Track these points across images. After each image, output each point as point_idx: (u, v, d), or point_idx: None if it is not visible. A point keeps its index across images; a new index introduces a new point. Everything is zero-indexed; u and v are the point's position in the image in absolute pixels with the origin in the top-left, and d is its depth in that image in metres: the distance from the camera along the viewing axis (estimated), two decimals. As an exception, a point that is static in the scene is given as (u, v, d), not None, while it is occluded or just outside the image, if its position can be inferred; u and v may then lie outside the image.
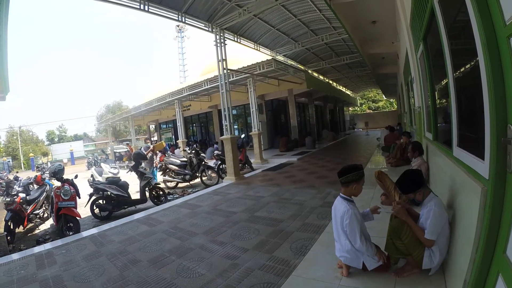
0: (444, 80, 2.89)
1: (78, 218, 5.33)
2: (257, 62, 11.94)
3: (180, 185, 9.51)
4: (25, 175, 14.09)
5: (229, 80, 9.85)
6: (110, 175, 9.22)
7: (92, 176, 9.33)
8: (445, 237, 2.34)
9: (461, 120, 2.40)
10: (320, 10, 9.92)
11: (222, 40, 8.86)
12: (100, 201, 6.58)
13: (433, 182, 4.17)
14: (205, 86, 14.64)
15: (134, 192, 7.32)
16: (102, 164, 11.44)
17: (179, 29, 53.12)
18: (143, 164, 8.03)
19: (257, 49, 11.95)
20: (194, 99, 19.02)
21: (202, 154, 10.04)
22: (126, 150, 22.72)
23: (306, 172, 8.65)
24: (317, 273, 2.78)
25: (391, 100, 44.69)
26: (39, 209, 6.54)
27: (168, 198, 7.36)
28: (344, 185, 2.65)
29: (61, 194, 5.27)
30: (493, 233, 1.56)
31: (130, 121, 25.84)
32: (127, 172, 8.97)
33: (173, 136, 26.15)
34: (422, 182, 2.44)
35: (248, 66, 12.29)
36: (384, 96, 42.96)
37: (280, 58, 13.65)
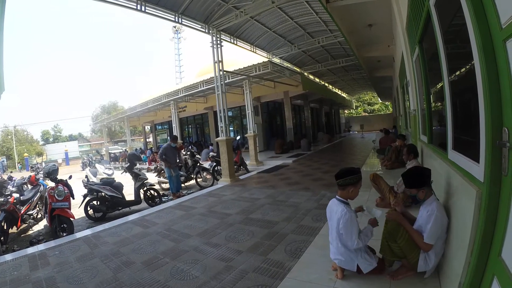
0: (440, 83, 2.90)
1: (72, 219, 5.28)
2: (253, 64, 11.95)
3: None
4: (19, 175, 13.96)
5: (225, 81, 9.83)
6: (105, 176, 9.17)
7: (86, 176, 9.28)
8: (442, 240, 2.33)
9: (456, 123, 2.41)
10: (316, 13, 9.98)
11: (218, 42, 8.85)
12: (94, 202, 6.53)
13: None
14: (201, 88, 14.62)
15: (128, 193, 7.27)
16: (97, 165, 11.39)
17: (176, 30, 53.14)
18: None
19: (253, 51, 11.98)
20: (190, 100, 19.00)
21: (197, 156, 10.02)
22: (121, 151, 22.60)
23: (301, 174, 8.66)
24: (312, 275, 2.77)
25: (387, 103, 44.99)
26: (33, 209, 6.48)
27: (163, 199, 7.32)
28: (341, 187, 2.62)
29: (55, 195, 5.22)
30: (488, 236, 1.57)
31: (125, 122, 25.73)
32: (121, 173, 8.91)
33: (168, 137, 26.03)
34: (428, 181, 2.43)
35: (244, 68, 12.30)
36: (379, 99, 43.26)
37: (276, 60, 13.68)
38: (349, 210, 2.54)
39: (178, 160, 8.11)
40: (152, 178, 9.70)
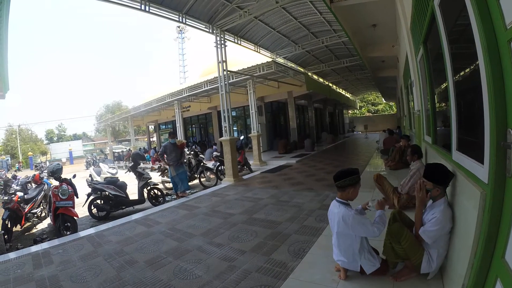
0: (444, 84, 2.89)
1: (75, 217, 5.31)
2: (257, 64, 11.96)
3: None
4: (22, 174, 14.07)
5: (229, 81, 9.85)
6: (109, 175, 9.22)
7: (90, 176, 9.34)
8: (445, 242, 2.32)
9: (461, 123, 2.39)
10: (320, 13, 9.96)
11: (222, 42, 8.87)
12: (98, 201, 6.56)
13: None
14: (204, 88, 14.66)
15: (132, 192, 7.29)
16: (101, 164, 11.46)
17: (180, 30, 53.21)
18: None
19: (257, 51, 11.97)
20: (194, 100, 19.04)
21: (201, 155, 10.03)
22: (124, 150, 22.70)
23: (305, 174, 8.65)
24: (315, 276, 2.77)
25: (391, 103, 44.78)
26: (37, 208, 6.52)
27: (166, 199, 7.34)
28: (341, 189, 2.62)
29: (59, 194, 5.25)
30: (491, 238, 1.56)
31: (129, 121, 25.87)
32: (125, 173, 8.95)
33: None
34: (447, 183, 2.40)
35: (248, 68, 12.31)
36: (383, 99, 43.07)
37: (280, 60, 13.67)
38: (350, 210, 2.53)
39: (181, 158, 7.74)
40: (155, 177, 9.73)
